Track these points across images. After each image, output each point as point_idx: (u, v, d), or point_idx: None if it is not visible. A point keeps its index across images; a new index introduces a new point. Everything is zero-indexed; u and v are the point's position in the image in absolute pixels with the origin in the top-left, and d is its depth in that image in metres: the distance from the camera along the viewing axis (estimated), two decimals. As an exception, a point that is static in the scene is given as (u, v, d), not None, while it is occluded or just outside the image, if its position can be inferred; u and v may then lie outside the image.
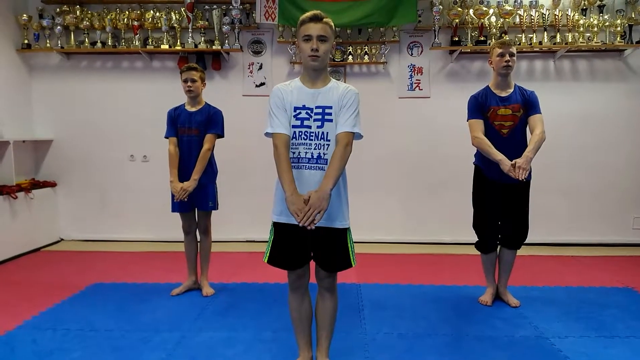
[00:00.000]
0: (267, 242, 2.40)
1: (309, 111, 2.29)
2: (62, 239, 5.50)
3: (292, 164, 2.28)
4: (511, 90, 3.31)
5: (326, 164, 2.26)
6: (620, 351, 2.75)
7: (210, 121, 3.61)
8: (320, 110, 2.29)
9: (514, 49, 3.25)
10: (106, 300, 3.56)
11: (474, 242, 3.56)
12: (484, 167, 3.37)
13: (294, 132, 2.29)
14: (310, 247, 2.34)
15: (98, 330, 3.04)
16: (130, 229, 5.45)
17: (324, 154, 2.27)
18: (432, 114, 5.25)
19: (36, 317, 3.24)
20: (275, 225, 2.37)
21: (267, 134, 2.32)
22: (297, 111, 2.30)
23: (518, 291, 3.70)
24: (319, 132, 2.28)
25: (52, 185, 5.38)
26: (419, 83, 5.26)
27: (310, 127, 2.28)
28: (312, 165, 2.27)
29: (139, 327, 3.09)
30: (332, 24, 2.32)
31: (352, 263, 2.36)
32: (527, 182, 3.32)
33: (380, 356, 2.71)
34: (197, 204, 3.67)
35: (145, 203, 5.41)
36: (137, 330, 3.04)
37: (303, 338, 2.49)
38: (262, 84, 5.30)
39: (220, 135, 3.66)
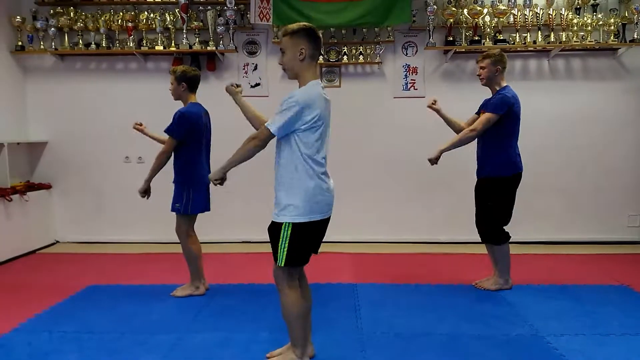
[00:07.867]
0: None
1: None
2: (57, 242, 5.47)
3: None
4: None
5: None
6: (615, 349, 2.77)
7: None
8: None
9: (483, 62, 3.64)
10: (102, 303, 3.55)
11: (473, 241, 3.67)
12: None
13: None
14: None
15: (94, 332, 3.03)
16: (127, 231, 5.42)
17: None
18: (427, 114, 5.24)
19: (32, 320, 3.22)
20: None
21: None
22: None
23: (513, 290, 3.72)
24: None
25: (47, 187, 5.36)
26: (414, 83, 5.26)
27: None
28: None
29: (135, 329, 3.08)
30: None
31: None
32: None
33: (377, 356, 2.71)
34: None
35: (142, 204, 5.28)
36: (133, 332, 3.03)
37: (305, 332, 2.53)
38: (257, 84, 5.29)
39: None
